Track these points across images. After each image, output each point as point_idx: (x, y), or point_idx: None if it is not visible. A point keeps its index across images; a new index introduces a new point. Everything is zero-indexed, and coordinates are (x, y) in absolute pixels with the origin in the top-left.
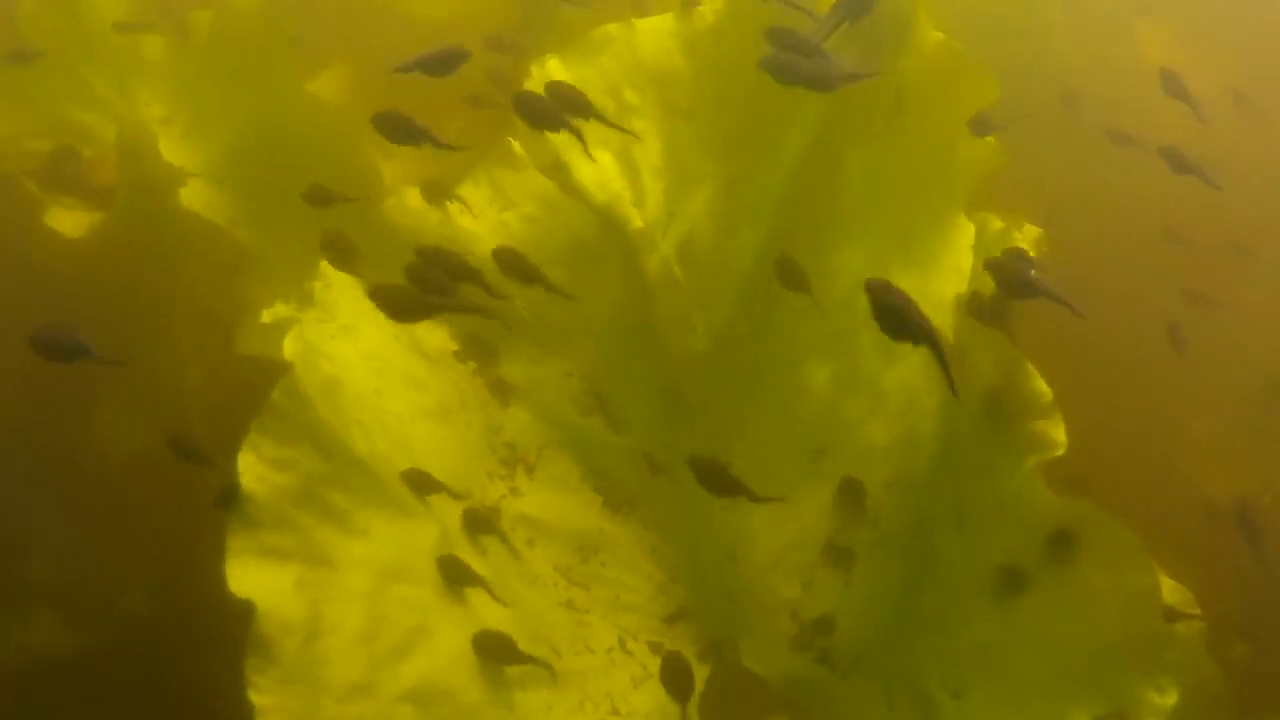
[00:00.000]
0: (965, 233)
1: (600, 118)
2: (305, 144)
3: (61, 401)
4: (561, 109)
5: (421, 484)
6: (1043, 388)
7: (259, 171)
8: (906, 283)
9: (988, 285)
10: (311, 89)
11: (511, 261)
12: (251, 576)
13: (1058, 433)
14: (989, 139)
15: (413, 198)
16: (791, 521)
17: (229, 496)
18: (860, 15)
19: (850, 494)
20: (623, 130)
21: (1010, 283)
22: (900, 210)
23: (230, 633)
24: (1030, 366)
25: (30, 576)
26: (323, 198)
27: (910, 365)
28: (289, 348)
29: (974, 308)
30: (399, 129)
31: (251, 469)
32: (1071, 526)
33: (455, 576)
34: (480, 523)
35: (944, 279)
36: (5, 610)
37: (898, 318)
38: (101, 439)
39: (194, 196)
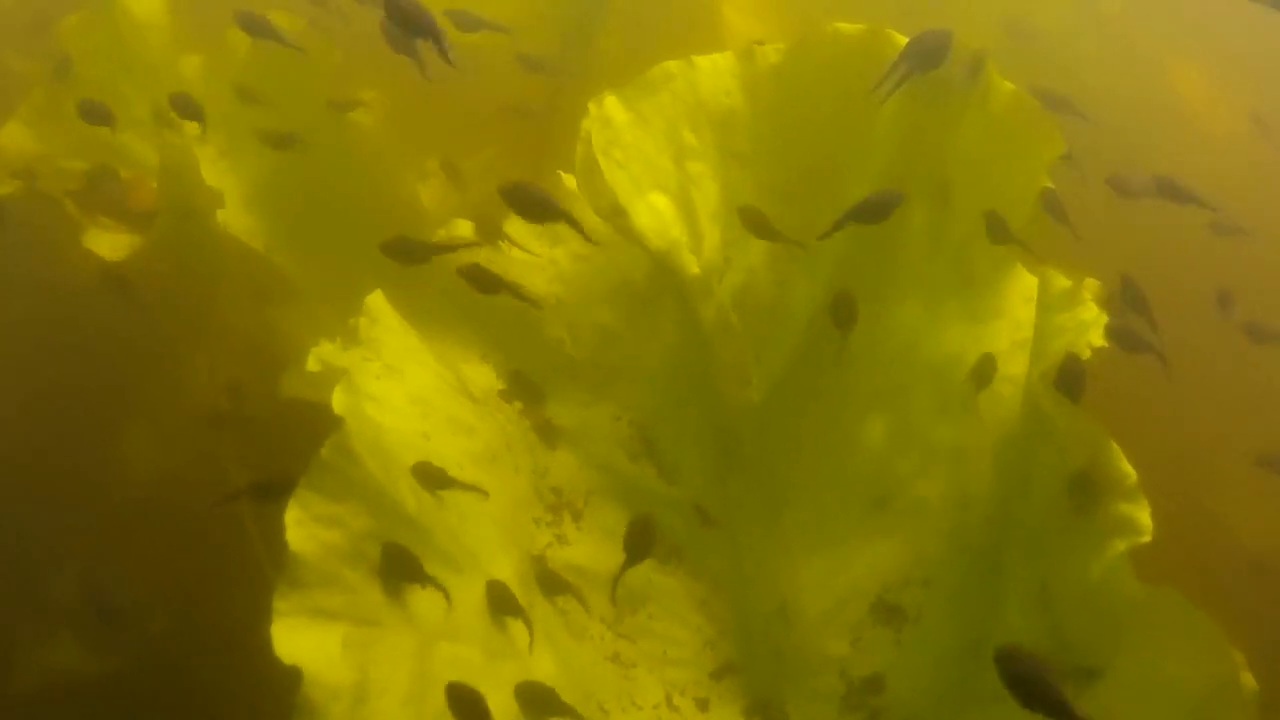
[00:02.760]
0: (1024, 285)
1: (571, 222)
2: (343, 168)
3: (87, 422)
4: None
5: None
6: (1128, 469)
7: (297, 195)
8: (963, 336)
9: (1053, 349)
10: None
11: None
12: (298, 640)
13: (1143, 517)
14: (1051, 189)
15: (462, 230)
16: (842, 577)
17: (266, 488)
18: (930, 66)
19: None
20: (582, 234)
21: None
22: (960, 262)
23: (254, 659)
24: (1115, 446)
25: (52, 598)
26: (411, 251)
27: (962, 423)
28: (339, 402)
29: (1053, 379)
30: (534, 204)
31: (299, 526)
32: (1154, 615)
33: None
34: (529, 576)
35: (1001, 332)
36: (27, 631)
37: (1031, 689)
38: (126, 460)
39: (231, 219)
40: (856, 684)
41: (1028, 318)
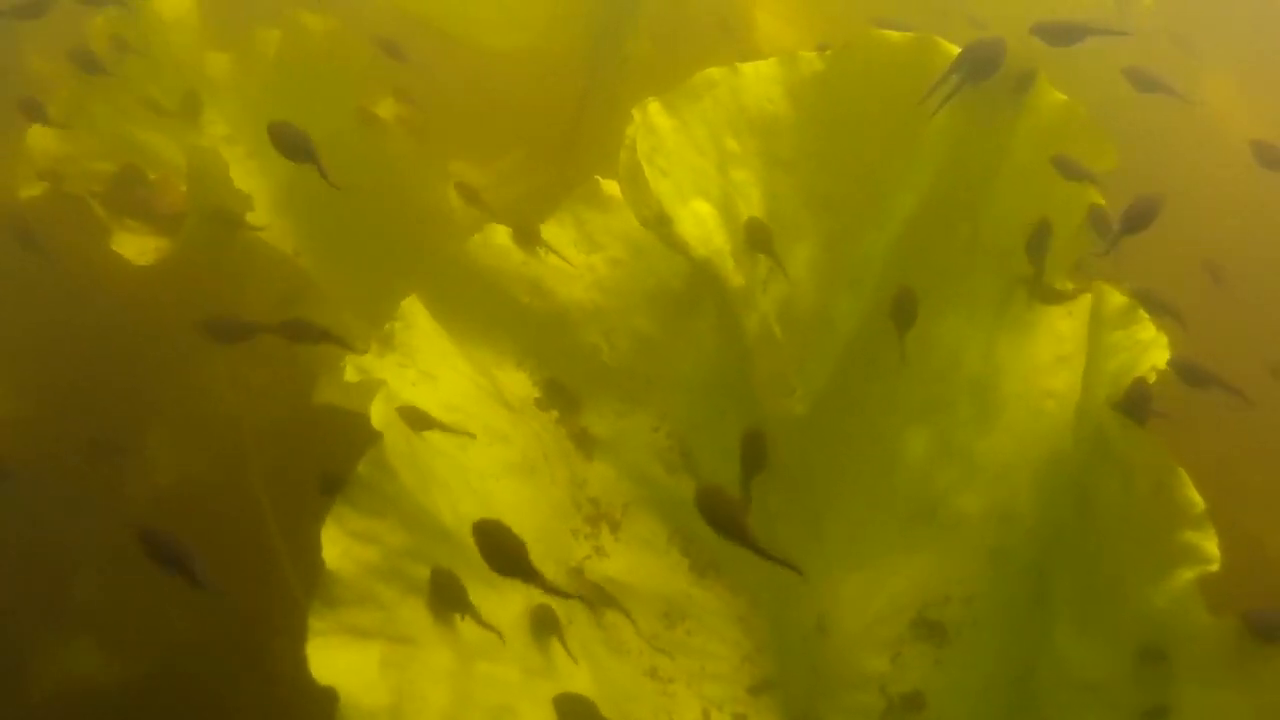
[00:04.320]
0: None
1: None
2: (373, 170)
3: (108, 425)
4: None
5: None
6: (1195, 496)
7: (324, 198)
8: (1004, 348)
9: (1110, 368)
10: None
11: None
12: (335, 660)
13: (1210, 546)
14: (1099, 204)
15: (499, 235)
16: (881, 592)
17: (333, 483)
18: (983, 76)
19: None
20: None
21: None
22: (1004, 273)
23: (275, 667)
24: (1182, 472)
25: (72, 602)
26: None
27: (1002, 436)
28: (377, 415)
29: (1119, 403)
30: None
31: (335, 543)
32: (1224, 647)
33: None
34: (568, 590)
35: (1043, 346)
36: (47, 636)
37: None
38: (148, 464)
39: (259, 222)
40: (896, 701)
41: (1070, 332)
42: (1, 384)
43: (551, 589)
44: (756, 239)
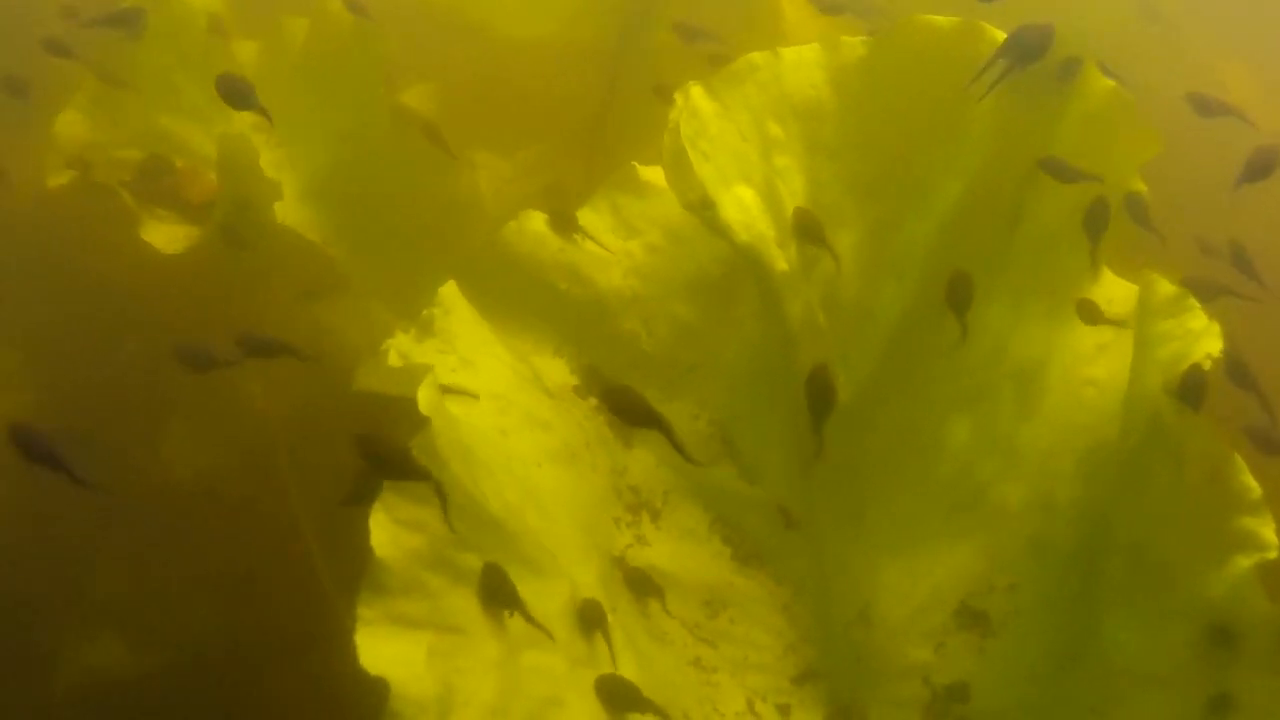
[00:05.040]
0: (1106, 287)
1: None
2: (401, 159)
3: (130, 416)
4: None
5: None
6: (1251, 482)
7: (354, 186)
8: (1046, 337)
9: (1160, 356)
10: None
11: None
12: (384, 649)
13: (1268, 532)
14: (1137, 191)
15: (536, 222)
16: (925, 581)
17: (363, 490)
18: (1030, 61)
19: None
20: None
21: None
22: (1045, 263)
23: (297, 658)
24: (1239, 459)
25: (94, 595)
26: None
27: (1044, 425)
28: (424, 401)
29: (1175, 390)
30: None
31: (383, 530)
32: None
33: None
34: (610, 578)
35: (1084, 334)
36: (68, 629)
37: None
38: (170, 455)
39: (288, 211)
40: (940, 691)
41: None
42: (24, 374)
43: (679, 445)
44: (806, 228)
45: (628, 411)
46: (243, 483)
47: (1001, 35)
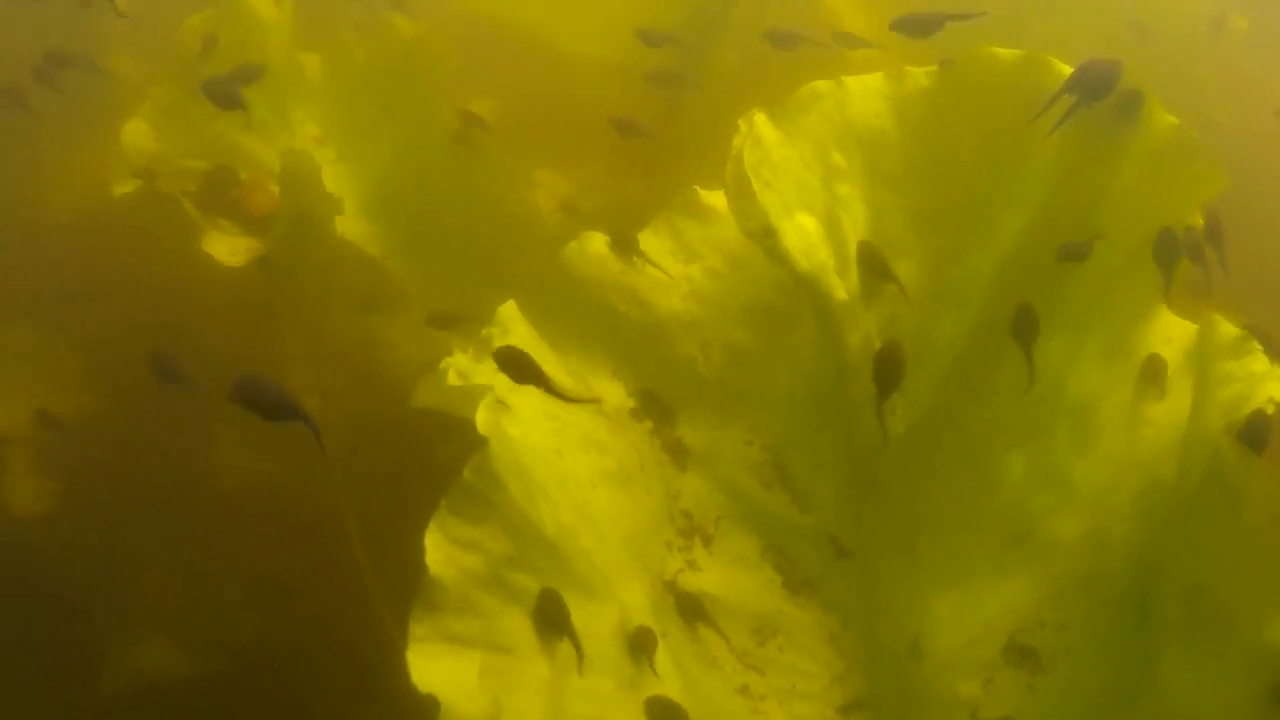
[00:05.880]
0: (1164, 325)
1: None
2: (461, 176)
3: (183, 423)
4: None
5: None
6: None
7: (414, 202)
8: (1104, 373)
9: (1221, 398)
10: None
11: None
12: (435, 667)
13: None
14: (1195, 228)
15: (597, 244)
16: (975, 615)
17: None
18: (1096, 97)
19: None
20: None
21: None
22: (1104, 299)
23: (345, 664)
24: None
25: (144, 600)
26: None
27: (1100, 462)
28: (482, 422)
29: (1237, 432)
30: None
31: (438, 549)
32: None
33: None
34: (661, 602)
35: (1135, 374)
36: (118, 633)
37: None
38: (221, 462)
39: (348, 225)
40: None
41: (1169, 359)
42: (85, 377)
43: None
44: (869, 261)
45: (514, 370)
46: (295, 492)
47: (1066, 69)
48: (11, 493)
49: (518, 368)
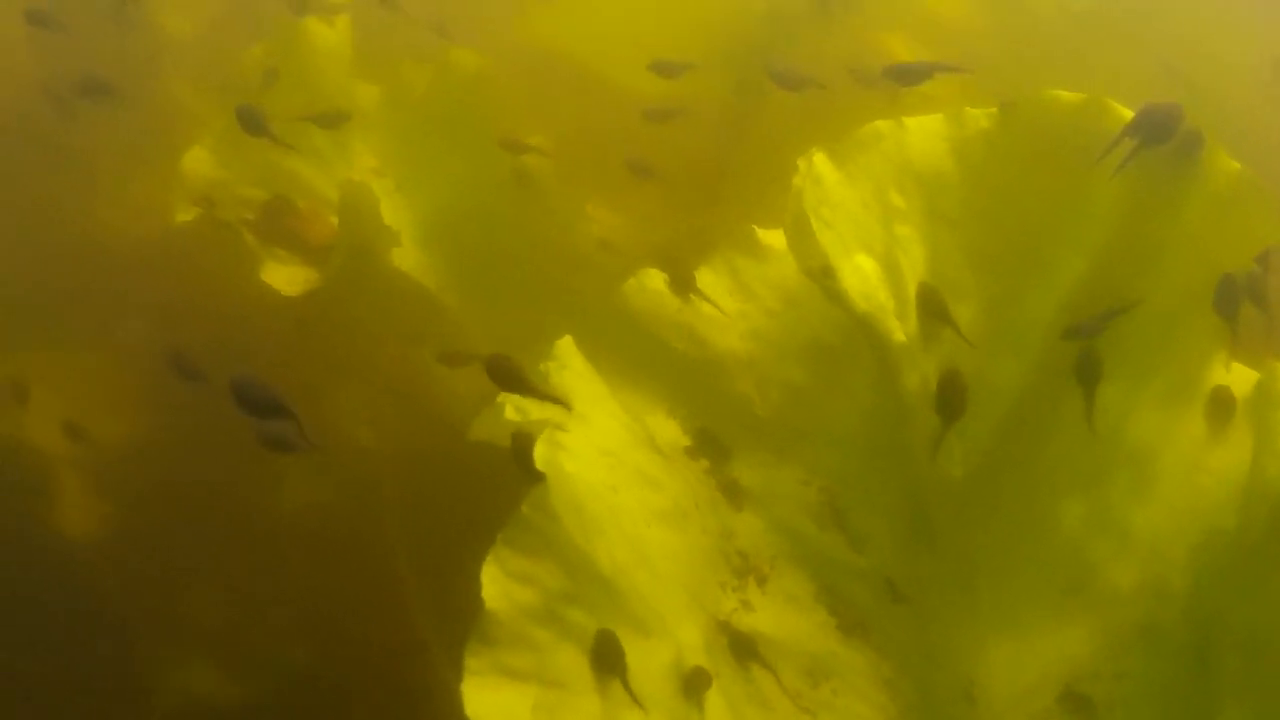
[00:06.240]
0: (1226, 373)
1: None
2: (517, 209)
3: (237, 449)
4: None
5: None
6: None
7: (470, 234)
8: (1163, 420)
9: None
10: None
11: None
12: (489, 700)
13: None
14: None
15: (654, 280)
16: (1031, 662)
17: None
18: (1158, 141)
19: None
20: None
21: None
22: (1164, 345)
23: (394, 693)
24: None
25: (194, 623)
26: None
27: (1159, 510)
28: (540, 457)
29: None
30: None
31: (495, 583)
32: None
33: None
34: (715, 641)
35: (1199, 418)
36: (167, 655)
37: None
38: (275, 489)
39: (405, 257)
40: None
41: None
42: (142, 397)
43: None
44: (929, 304)
45: (502, 379)
46: (347, 521)
47: (1127, 112)
48: (64, 512)
49: (505, 376)
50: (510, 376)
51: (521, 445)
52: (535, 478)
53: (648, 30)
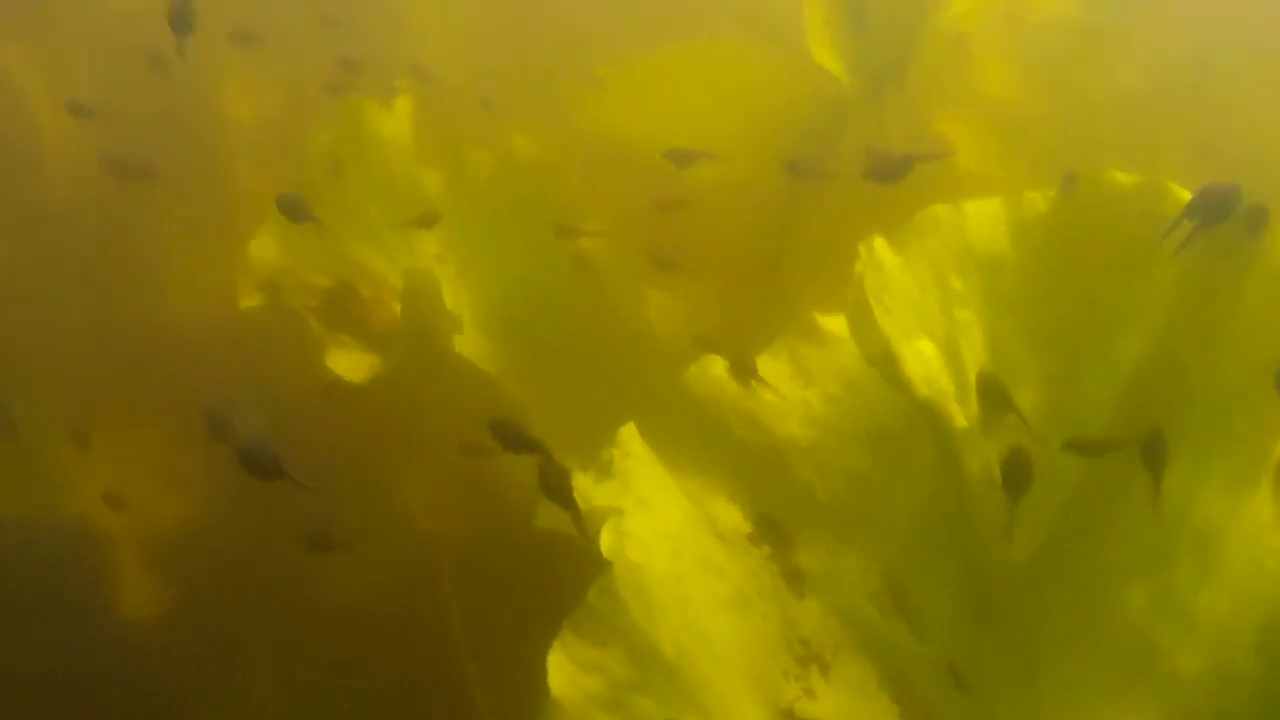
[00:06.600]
0: None
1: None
2: (578, 295)
3: (295, 532)
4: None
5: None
6: None
7: (531, 320)
8: (1228, 503)
9: None
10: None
11: None
12: None
13: None
14: None
15: (716, 367)
16: None
17: None
18: (1217, 222)
19: None
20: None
21: None
22: (1228, 425)
23: None
24: None
25: (251, 705)
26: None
27: (1224, 594)
28: (607, 544)
29: None
30: None
31: (562, 671)
32: None
33: None
34: None
35: (1264, 500)
36: None
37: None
38: (333, 572)
39: (467, 343)
40: None
41: None
42: (199, 484)
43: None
44: (990, 392)
45: (507, 439)
46: (408, 605)
47: (1185, 194)
48: (125, 593)
49: (511, 438)
50: (517, 437)
51: (548, 475)
52: (567, 508)
53: (701, 115)
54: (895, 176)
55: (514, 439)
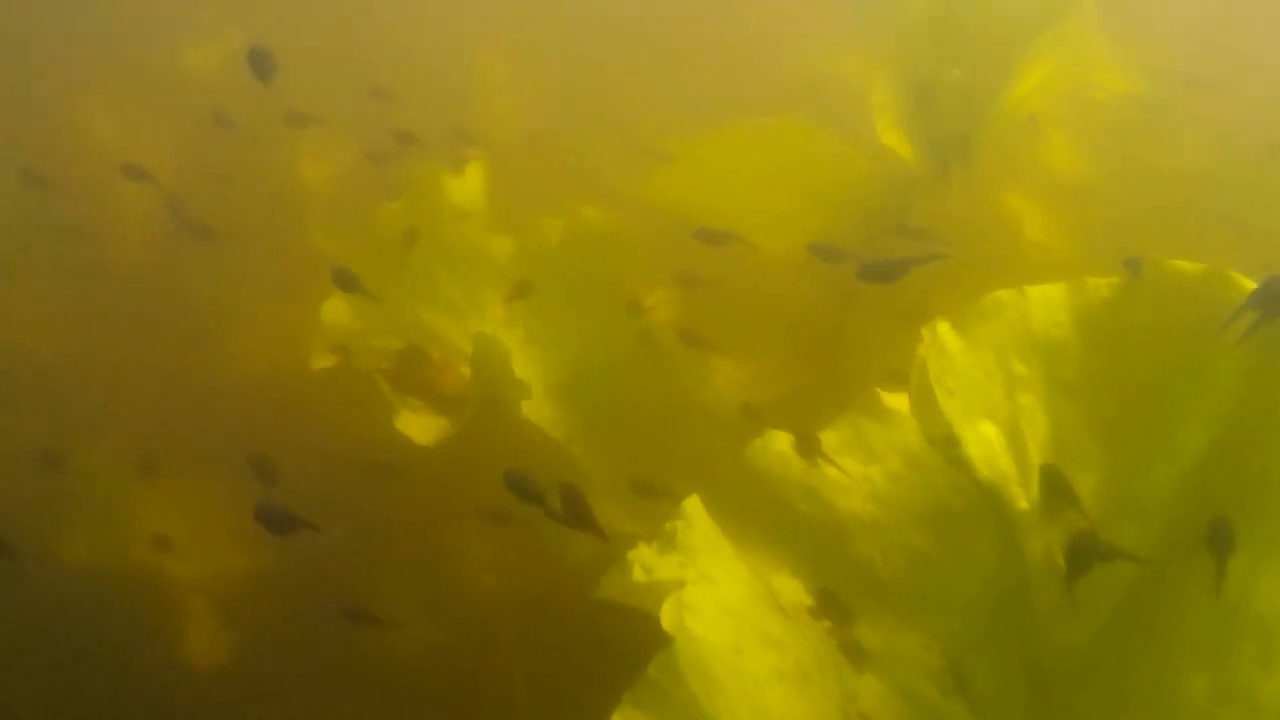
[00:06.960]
0: None
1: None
2: (644, 364)
3: (357, 586)
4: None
5: None
6: None
7: (598, 387)
8: None
9: None
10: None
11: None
12: None
13: None
14: None
15: (780, 442)
16: None
17: None
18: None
19: None
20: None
21: None
22: None
23: None
24: None
25: None
26: None
27: None
28: (667, 618)
29: None
30: None
31: None
32: None
33: None
34: None
35: None
36: None
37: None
38: (393, 628)
39: (534, 408)
40: None
41: None
42: (266, 535)
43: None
44: (1053, 485)
45: (519, 491)
46: (466, 663)
47: (1249, 283)
48: (192, 641)
49: (521, 489)
50: (578, 509)
51: (568, 497)
52: (584, 527)
53: (767, 192)
54: (891, 278)
55: (523, 490)
